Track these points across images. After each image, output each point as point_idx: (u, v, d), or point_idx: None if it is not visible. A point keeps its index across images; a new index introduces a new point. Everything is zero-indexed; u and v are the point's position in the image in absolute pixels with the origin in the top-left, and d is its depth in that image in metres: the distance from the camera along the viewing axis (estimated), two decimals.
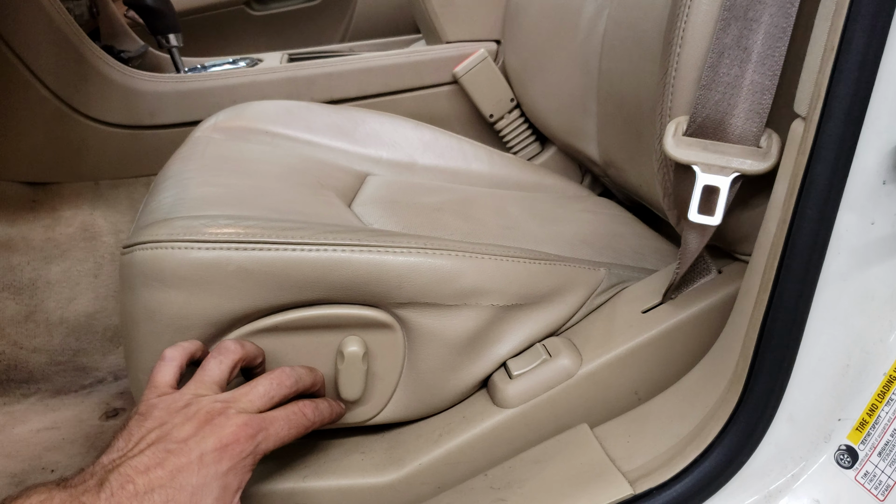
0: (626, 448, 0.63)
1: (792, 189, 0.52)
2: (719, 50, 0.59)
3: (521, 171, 1.07)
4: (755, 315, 0.56)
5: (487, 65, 1.20)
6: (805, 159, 0.51)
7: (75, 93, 1.27)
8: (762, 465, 0.57)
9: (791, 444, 0.56)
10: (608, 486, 0.59)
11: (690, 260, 0.64)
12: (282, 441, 0.56)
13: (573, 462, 0.63)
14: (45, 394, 1.11)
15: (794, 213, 0.52)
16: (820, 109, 0.50)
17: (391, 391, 0.67)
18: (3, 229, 1.30)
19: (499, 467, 0.66)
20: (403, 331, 0.65)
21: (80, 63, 1.26)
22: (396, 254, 0.63)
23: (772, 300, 0.54)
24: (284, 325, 0.63)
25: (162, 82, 1.30)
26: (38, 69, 1.24)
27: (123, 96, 1.28)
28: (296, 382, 0.59)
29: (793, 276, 0.52)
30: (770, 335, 0.54)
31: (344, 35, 2.02)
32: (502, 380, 0.66)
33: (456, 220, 0.84)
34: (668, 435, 0.62)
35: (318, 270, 0.61)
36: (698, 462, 0.57)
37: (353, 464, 0.66)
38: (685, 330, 0.65)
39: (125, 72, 1.30)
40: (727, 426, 0.57)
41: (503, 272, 0.66)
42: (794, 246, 0.52)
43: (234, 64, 1.47)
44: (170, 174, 0.85)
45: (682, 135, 0.61)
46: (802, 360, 0.54)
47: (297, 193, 0.80)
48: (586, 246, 0.83)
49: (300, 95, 1.26)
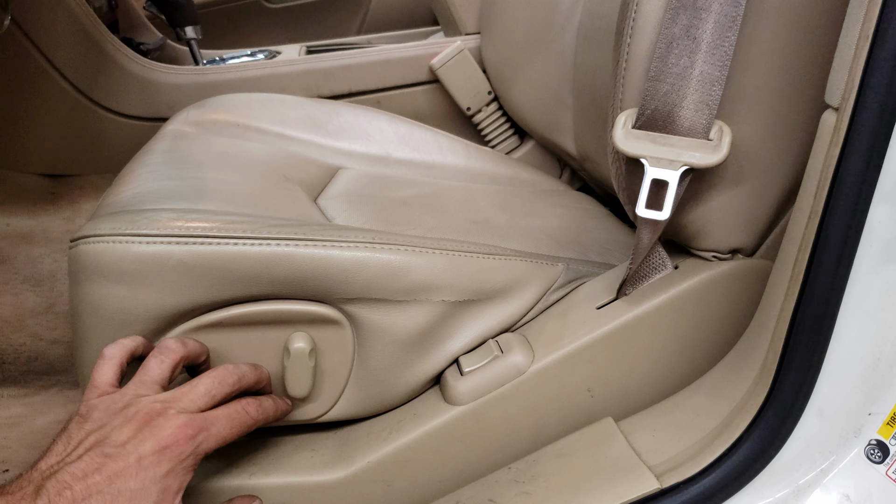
0: (651, 442, 0.62)
1: (823, 181, 0.51)
2: (668, 40, 0.58)
3: (497, 164, 1.06)
4: (785, 308, 0.55)
5: (464, 57, 1.18)
6: (837, 151, 0.49)
7: (94, 85, 1.28)
8: (791, 459, 0.56)
9: (820, 438, 0.55)
10: (635, 481, 0.58)
11: (642, 255, 0.63)
12: (224, 440, 0.55)
13: (598, 456, 0.62)
14: (64, 385, 1.11)
15: (826, 206, 0.51)
16: (854, 100, 0.48)
17: (341, 388, 0.66)
18: (23, 221, 1.30)
19: (522, 460, 0.65)
20: (352, 327, 0.64)
21: (99, 55, 1.27)
22: (342, 248, 0.62)
23: (802, 293, 0.53)
24: (229, 321, 0.62)
25: (181, 74, 1.30)
26: (57, 61, 1.25)
27: (142, 88, 1.29)
28: (239, 380, 0.58)
29: (824, 269, 0.51)
30: (800, 328, 0.53)
31: (360, 27, 2.02)
32: (453, 377, 0.65)
33: (422, 214, 0.83)
34: (694, 429, 0.61)
35: (260, 265, 0.60)
36: (726, 456, 0.57)
37: (302, 461, 0.65)
38: (639, 326, 0.64)
39: (144, 64, 1.30)
40: (756, 420, 0.56)
41: (454, 267, 0.65)
42: (826, 238, 0.51)
43: (253, 56, 1.47)
44: (133, 167, 0.84)
45: (632, 127, 0.60)
46: (833, 353, 0.53)
47: (258, 187, 0.79)
48: (552, 240, 0.82)
49: (318, 88, 1.26)
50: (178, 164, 0.83)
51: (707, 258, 0.64)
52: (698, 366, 0.65)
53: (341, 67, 1.27)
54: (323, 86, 1.25)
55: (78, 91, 1.27)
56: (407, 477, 0.64)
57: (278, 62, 1.32)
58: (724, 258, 0.64)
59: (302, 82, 1.25)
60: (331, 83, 1.25)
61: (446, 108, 1.26)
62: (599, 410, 0.66)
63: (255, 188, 0.79)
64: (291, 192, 0.82)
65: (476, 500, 0.64)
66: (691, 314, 0.64)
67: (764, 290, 0.64)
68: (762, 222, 0.62)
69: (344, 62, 1.27)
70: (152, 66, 1.30)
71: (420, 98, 1.27)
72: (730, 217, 0.62)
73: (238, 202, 0.72)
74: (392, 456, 0.64)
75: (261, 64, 1.33)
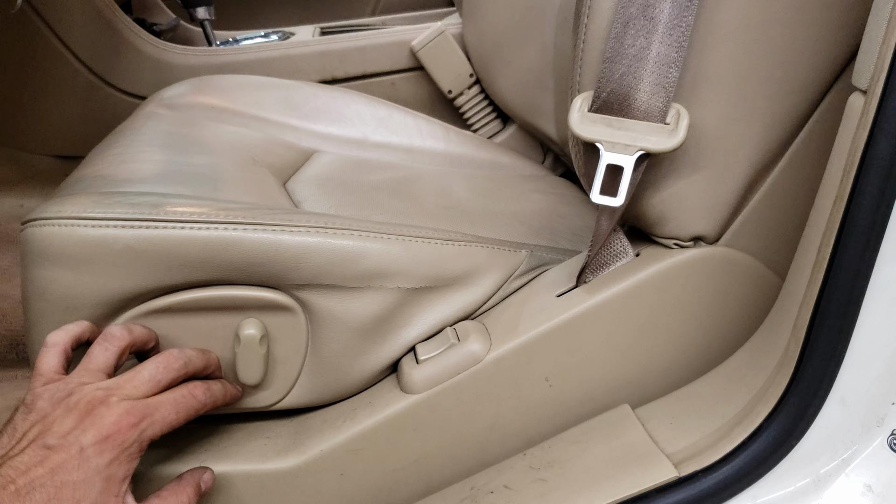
0: (669, 429, 0.61)
1: (850, 165, 0.49)
2: (624, 20, 0.56)
3: (477, 148, 1.05)
4: (808, 295, 0.53)
5: (445, 39, 1.16)
6: (865, 134, 0.48)
7: (108, 66, 1.27)
8: (812, 448, 0.55)
9: (843, 427, 0.54)
10: (652, 468, 0.57)
11: (600, 242, 0.62)
12: (170, 425, 0.54)
13: (615, 443, 0.61)
14: None
15: (853, 190, 0.49)
16: (883, 82, 0.47)
17: (295, 376, 0.65)
18: (36, 203, 1.30)
19: (538, 447, 0.65)
20: (305, 314, 0.63)
21: (112, 36, 1.26)
22: (293, 233, 0.60)
23: (826, 279, 0.51)
24: (178, 307, 0.61)
25: (194, 55, 1.29)
26: (71, 42, 1.24)
27: (156, 69, 1.28)
28: (185, 365, 0.57)
29: (849, 255, 0.50)
30: (824, 315, 0.52)
31: (374, 8, 1.99)
32: (409, 365, 0.64)
33: (391, 198, 0.82)
34: (713, 417, 0.60)
35: (207, 250, 0.59)
36: (746, 445, 0.56)
37: (256, 448, 0.64)
38: (597, 315, 0.62)
39: (157, 45, 1.30)
40: (777, 408, 0.55)
41: (411, 253, 0.64)
42: (852, 223, 0.49)
43: (267, 37, 1.45)
44: (100, 149, 0.84)
45: (588, 111, 0.58)
46: (856, 341, 0.52)
47: (223, 171, 0.78)
48: (524, 226, 0.80)
49: (333, 70, 1.25)
50: (145, 147, 0.82)
51: (668, 245, 0.63)
52: (659, 354, 0.64)
53: (356, 49, 1.25)
54: (338, 67, 1.25)
55: (91, 72, 1.26)
56: (360, 466, 0.63)
57: (292, 43, 1.31)
58: (685, 245, 0.62)
59: (317, 64, 1.24)
60: (345, 65, 1.25)
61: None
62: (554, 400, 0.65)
63: (220, 171, 0.78)
64: (258, 175, 0.81)
65: (491, 486, 0.63)
66: (651, 302, 0.62)
67: (726, 279, 0.63)
68: (724, 209, 0.60)
69: (359, 43, 1.25)
70: (166, 46, 1.29)
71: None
72: (690, 204, 0.60)
73: (199, 186, 0.71)
74: (345, 445, 0.63)
75: (274, 45, 1.32)
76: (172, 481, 0.57)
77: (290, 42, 1.33)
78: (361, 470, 0.64)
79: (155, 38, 1.30)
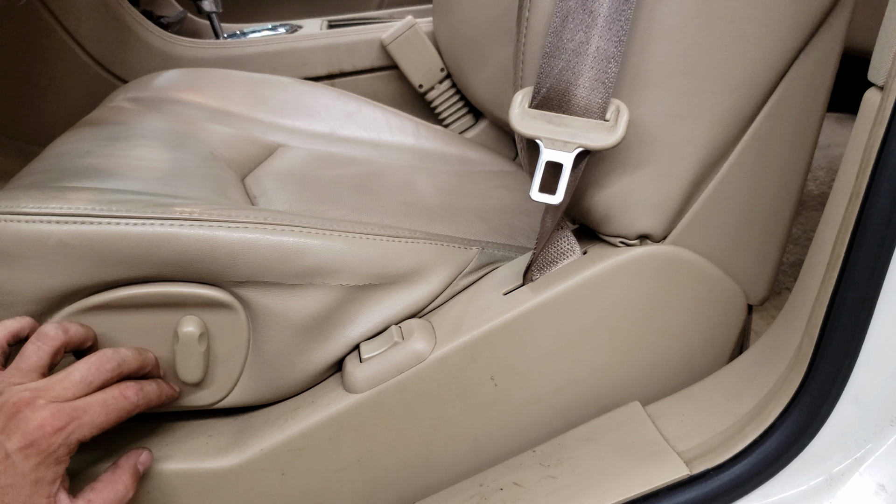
0: (680, 427, 0.60)
1: (866, 162, 0.48)
2: (564, 13, 0.55)
3: (446, 144, 1.04)
4: (822, 292, 0.52)
5: (415, 33, 1.15)
6: (882, 130, 0.47)
7: (115, 58, 1.27)
8: (825, 447, 0.54)
9: (855, 426, 0.53)
10: (663, 466, 0.56)
11: (544, 240, 0.60)
12: (100, 427, 0.54)
13: (625, 440, 0.60)
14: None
15: (869, 187, 0.48)
16: None
17: (237, 374, 0.64)
18: None
19: (548, 444, 0.64)
20: (246, 311, 0.62)
21: (119, 28, 1.26)
22: (230, 229, 0.59)
23: (841, 277, 0.50)
24: (116, 303, 0.60)
25: (202, 48, 1.29)
26: (78, 34, 1.24)
27: (163, 62, 1.27)
28: (119, 365, 0.56)
29: (865, 252, 0.49)
30: (838, 313, 0.51)
31: (381, 1, 1.99)
32: (352, 364, 0.63)
33: (350, 194, 0.81)
34: (725, 414, 0.59)
35: (143, 246, 0.58)
36: (758, 443, 0.55)
37: (197, 447, 0.64)
38: (543, 313, 0.61)
39: (165, 37, 1.29)
40: (790, 406, 0.54)
41: (354, 250, 0.63)
42: (868, 220, 0.48)
43: (274, 30, 1.44)
44: (58, 142, 0.83)
45: (528, 106, 0.57)
46: (871, 340, 0.51)
47: (178, 165, 0.77)
48: (483, 223, 0.79)
49: (341, 63, 1.25)
50: (102, 142, 0.82)
51: (615, 244, 0.61)
52: (607, 354, 0.63)
53: (364, 42, 1.25)
54: (346, 61, 1.25)
55: (98, 64, 1.26)
56: (302, 466, 0.63)
57: (300, 36, 1.30)
58: (631, 244, 0.61)
59: (324, 57, 1.24)
60: (353, 58, 1.24)
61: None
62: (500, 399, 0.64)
63: (174, 167, 0.77)
64: (215, 170, 0.80)
65: (500, 482, 0.62)
66: (597, 301, 0.61)
67: (674, 278, 0.62)
68: (670, 207, 0.59)
69: (367, 37, 1.25)
70: (173, 39, 1.29)
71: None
72: (635, 202, 0.59)
73: (147, 181, 0.70)
74: (286, 444, 0.62)
75: (282, 38, 1.31)
76: (107, 470, 0.57)
77: (298, 35, 1.33)
78: (303, 470, 0.63)
79: (162, 31, 1.30)
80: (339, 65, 1.25)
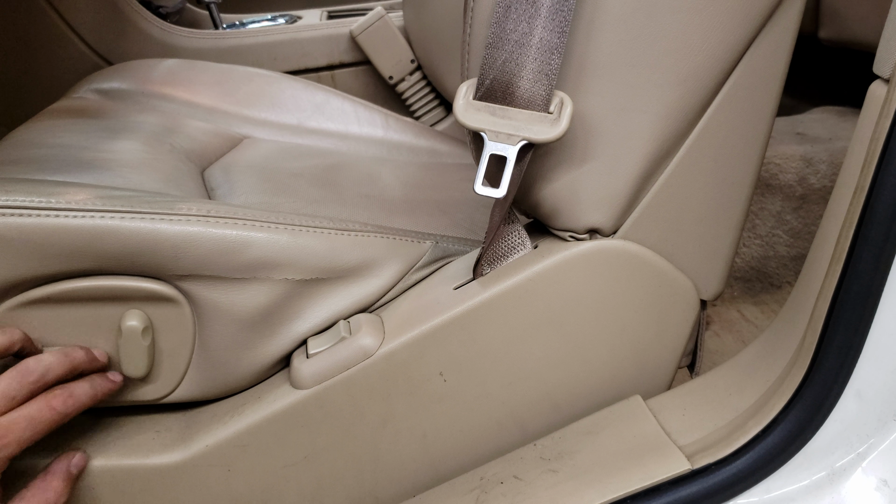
0: (681, 421, 0.60)
1: (871, 155, 0.48)
2: (507, 3, 0.54)
3: (416, 136, 1.03)
4: (826, 286, 0.52)
5: (384, 24, 1.14)
6: (888, 123, 0.46)
7: (114, 48, 1.26)
8: (827, 442, 0.54)
9: (858, 421, 0.53)
10: (664, 461, 0.56)
11: (493, 233, 0.60)
12: (28, 442, 0.52)
13: (626, 434, 0.60)
14: None
15: (874, 181, 0.47)
16: None
17: (183, 369, 0.63)
18: None
19: (549, 437, 0.63)
20: (190, 305, 0.61)
21: (118, 18, 1.25)
22: (172, 222, 0.59)
23: (845, 271, 0.50)
24: (57, 297, 0.59)
25: (201, 39, 1.28)
26: (76, 24, 1.23)
27: (162, 53, 1.27)
28: (42, 376, 0.54)
29: (869, 246, 0.48)
30: (842, 307, 0.50)
31: None
32: (299, 359, 0.62)
33: (310, 187, 0.80)
34: (726, 409, 0.59)
35: (82, 239, 0.57)
36: (760, 437, 0.54)
37: (143, 442, 0.63)
38: (492, 308, 0.60)
39: (164, 27, 1.29)
40: (792, 401, 0.54)
41: (300, 244, 0.62)
42: (872, 214, 0.48)
43: (274, 21, 1.44)
44: (15, 133, 0.82)
45: (473, 98, 0.56)
46: (874, 334, 0.51)
47: (134, 157, 0.76)
48: (445, 216, 0.78)
49: (341, 54, 1.25)
50: (59, 132, 0.81)
51: (565, 238, 0.61)
52: (557, 349, 0.62)
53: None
54: (345, 52, 1.25)
55: (97, 54, 1.25)
56: (248, 462, 0.62)
57: (300, 27, 1.30)
58: (580, 238, 0.60)
59: (324, 48, 1.24)
60: (353, 49, 1.24)
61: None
62: (449, 395, 0.63)
63: (130, 158, 0.76)
64: (172, 162, 0.79)
65: (501, 476, 0.62)
66: (547, 296, 0.60)
67: (624, 272, 0.61)
68: (619, 201, 0.58)
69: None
70: (172, 29, 1.28)
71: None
72: (582, 196, 0.58)
73: (102, 174, 0.69)
74: (231, 440, 0.61)
75: (282, 29, 1.31)
76: (38, 476, 0.55)
77: (298, 26, 1.32)
78: (249, 466, 0.62)
79: (161, 21, 1.29)
80: (338, 55, 1.24)
